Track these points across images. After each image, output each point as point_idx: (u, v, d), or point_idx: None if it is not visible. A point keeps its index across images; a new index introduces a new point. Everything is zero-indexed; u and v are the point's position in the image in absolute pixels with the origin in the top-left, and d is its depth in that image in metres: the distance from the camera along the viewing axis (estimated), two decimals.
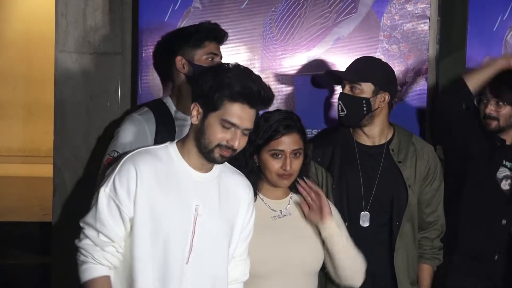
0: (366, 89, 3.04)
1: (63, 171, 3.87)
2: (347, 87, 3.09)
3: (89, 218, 2.40)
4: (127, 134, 2.98)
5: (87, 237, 2.39)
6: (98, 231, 2.38)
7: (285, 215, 2.79)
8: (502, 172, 3.26)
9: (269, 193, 2.81)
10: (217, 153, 2.39)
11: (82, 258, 2.39)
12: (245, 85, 2.36)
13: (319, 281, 2.89)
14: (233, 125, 2.37)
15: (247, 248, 2.64)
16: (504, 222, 3.22)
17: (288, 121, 2.74)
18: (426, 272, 3.18)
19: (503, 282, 3.23)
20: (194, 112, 2.40)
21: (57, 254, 3.85)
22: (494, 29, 3.71)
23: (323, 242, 2.79)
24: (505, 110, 3.21)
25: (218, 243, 2.51)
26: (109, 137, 3.79)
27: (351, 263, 2.80)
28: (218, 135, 2.37)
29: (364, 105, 3.03)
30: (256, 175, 2.76)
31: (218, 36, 3.09)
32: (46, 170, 5.33)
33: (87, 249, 2.38)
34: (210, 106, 2.37)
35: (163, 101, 3.13)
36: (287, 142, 2.71)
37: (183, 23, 3.55)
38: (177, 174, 2.43)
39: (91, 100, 3.87)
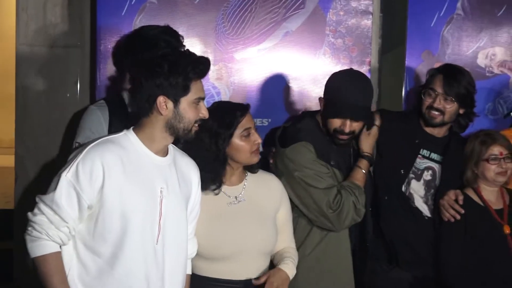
0: None
1: (25, 160, 3.97)
2: None
3: (46, 198, 2.43)
4: (85, 124, 3.10)
5: (42, 213, 2.43)
6: (54, 211, 2.42)
7: (240, 201, 2.92)
8: (423, 163, 3.42)
9: (225, 179, 2.92)
10: (193, 130, 2.56)
11: (35, 233, 2.42)
12: (202, 61, 2.55)
13: None
14: (202, 99, 2.57)
15: (194, 228, 2.79)
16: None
17: (239, 105, 2.94)
18: None
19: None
20: (163, 106, 2.50)
21: (19, 239, 3.86)
22: (432, 25, 3.88)
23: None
24: (453, 107, 3.32)
25: (181, 222, 2.64)
26: (69, 127, 3.92)
27: None
28: (194, 114, 2.53)
29: None
30: (222, 164, 2.88)
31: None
32: (8, 160, 5.37)
33: (42, 225, 2.42)
34: (180, 92, 2.50)
35: (121, 94, 3.24)
36: (249, 120, 2.90)
37: (139, 18, 3.68)
38: (140, 160, 2.52)
39: (52, 91, 3.98)
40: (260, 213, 2.94)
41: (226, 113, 2.87)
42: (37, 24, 3.96)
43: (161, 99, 2.49)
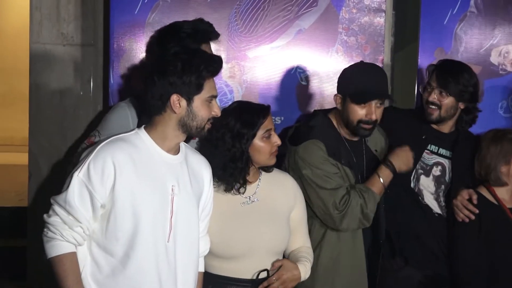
0: None
1: (38, 157, 4.00)
2: None
3: (59, 198, 2.45)
4: (111, 118, 3.10)
5: (56, 214, 2.44)
6: (67, 212, 2.43)
7: (253, 201, 2.92)
8: (432, 159, 3.44)
9: None
10: (206, 128, 2.57)
11: (50, 234, 2.44)
12: (215, 59, 2.57)
13: None
14: (215, 97, 2.58)
15: (207, 225, 2.80)
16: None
17: (261, 106, 2.92)
18: None
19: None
20: (177, 104, 2.51)
21: (33, 237, 3.95)
22: (445, 23, 3.87)
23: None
24: (448, 100, 3.33)
25: (193, 220, 2.65)
26: (82, 125, 3.98)
27: None
28: (207, 112, 2.54)
29: None
30: (245, 164, 2.86)
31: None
32: (21, 158, 5.40)
33: (56, 226, 2.43)
34: (194, 90, 2.51)
35: None
36: (270, 121, 2.90)
37: (152, 16, 3.70)
38: (151, 158, 2.54)
39: (65, 89, 4.00)
40: (273, 213, 2.94)
41: (249, 114, 2.86)
42: (51, 22, 3.99)
43: (174, 98, 2.50)
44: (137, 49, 3.70)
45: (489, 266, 3.25)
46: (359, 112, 3.10)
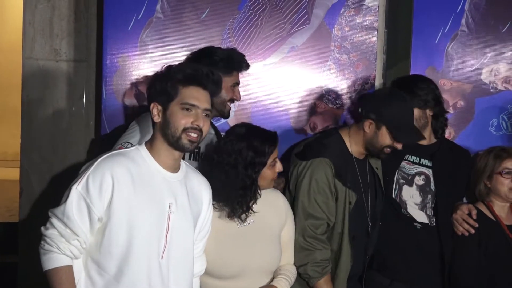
0: None
1: (30, 173, 3.98)
2: None
3: (57, 211, 2.46)
4: (144, 129, 3.03)
5: (54, 227, 2.46)
6: (65, 224, 2.45)
7: (249, 223, 2.93)
8: (414, 169, 3.47)
9: None
10: (185, 139, 2.52)
11: (46, 247, 2.46)
12: (195, 68, 2.57)
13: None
14: (193, 106, 2.53)
15: (204, 246, 2.79)
16: None
17: (270, 134, 2.95)
18: None
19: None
20: (155, 111, 2.54)
21: (24, 253, 3.96)
22: (436, 41, 3.91)
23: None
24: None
25: (188, 239, 2.64)
26: (74, 141, 3.98)
27: None
28: (181, 120, 2.51)
29: None
30: (253, 193, 2.89)
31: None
32: (13, 173, 5.37)
33: (53, 239, 2.45)
34: (167, 97, 2.52)
35: None
36: (276, 148, 2.94)
37: (146, 32, 3.71)
38: (150, 174, 2.55)
39: (57, 105, 4.00)
40: (268, 232, 2.98)
41: (260, 142, 2.88)
42: (44, 38, 3.99)
43: (152, 105, 2.54)
44: (130, 65, 3.71)
45: (488, 280, 3.28)
46: (391, 141, 3.16)
